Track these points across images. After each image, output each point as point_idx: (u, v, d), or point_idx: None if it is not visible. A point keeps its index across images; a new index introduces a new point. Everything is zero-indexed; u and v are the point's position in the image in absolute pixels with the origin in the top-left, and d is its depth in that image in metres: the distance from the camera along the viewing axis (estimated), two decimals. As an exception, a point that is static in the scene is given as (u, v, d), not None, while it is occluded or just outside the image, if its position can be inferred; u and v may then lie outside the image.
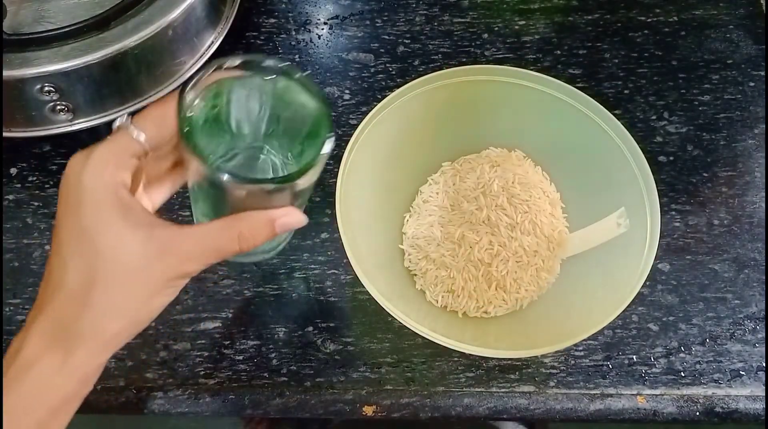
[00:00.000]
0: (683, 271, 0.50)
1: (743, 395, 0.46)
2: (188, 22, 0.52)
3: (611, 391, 0.46)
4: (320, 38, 0.62)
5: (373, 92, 0.58)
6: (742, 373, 0.46)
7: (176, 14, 0.50)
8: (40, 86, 0.48)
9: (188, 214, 0.53)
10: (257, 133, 0.35)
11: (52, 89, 0.48)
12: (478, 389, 0.46)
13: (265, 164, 0.36)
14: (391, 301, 0.40)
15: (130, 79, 0.51)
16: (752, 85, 0.59)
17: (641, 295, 0.48)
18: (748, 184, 0.54)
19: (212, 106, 0.33)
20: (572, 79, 0.59)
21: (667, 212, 0.52)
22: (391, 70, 0.59)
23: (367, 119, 0.44)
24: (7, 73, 0.47)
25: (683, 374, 0.46)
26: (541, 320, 0.46)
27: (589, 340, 0.47)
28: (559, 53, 0.60)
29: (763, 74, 0.59)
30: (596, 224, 0.47)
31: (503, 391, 0.46)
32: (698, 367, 0.47)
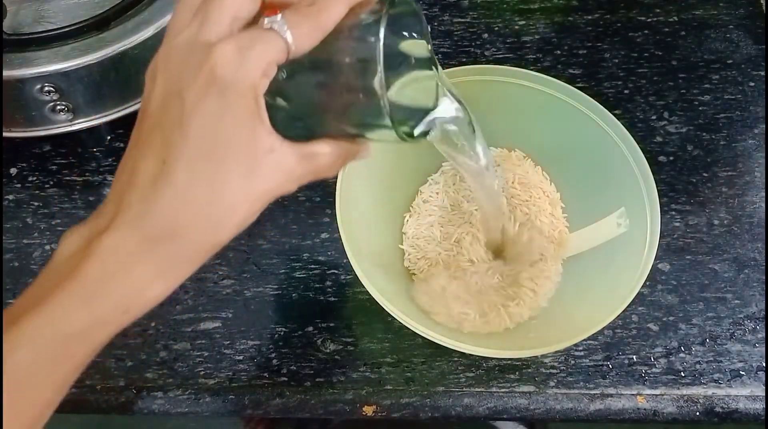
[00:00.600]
0: (683, 271, 0.50)
1: (743, 395, 0.46)
2: (188, 22, 0.52)
3: (611, 391, 0.46)
4: (320, 38, 0.62)
5: (373, 92, 0.58)
6: (742, 373, 0.46)
7: (176, 14, 0.50)
8: (40, 86, 0.48)
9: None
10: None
11: (52, 89, 0.48)
12: (478, 389, 0.46)
13: None
14: (391, 301, 0.40)
15: (130, 79, 0.51)
16: (752, 85, 0.59)
17: (641, 295, 0.48)
18: (748, 184, 0.54)
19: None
20: (572, 79, 0.59)
21: (667, 212, 0.52)
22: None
23: (367, 119, 0.44)
24: (7, 73, 0.47)
25: (683, 374, 0.46)
26: (541, 320, 0.46)
27: (589, 340, 0.47)
28: (559, 53, 0.60)
29: (763, 74, 0.59)
30: (596, 224, 0.47)
31: (503, 391, 0.46)
32: (698, 367, 0.47)
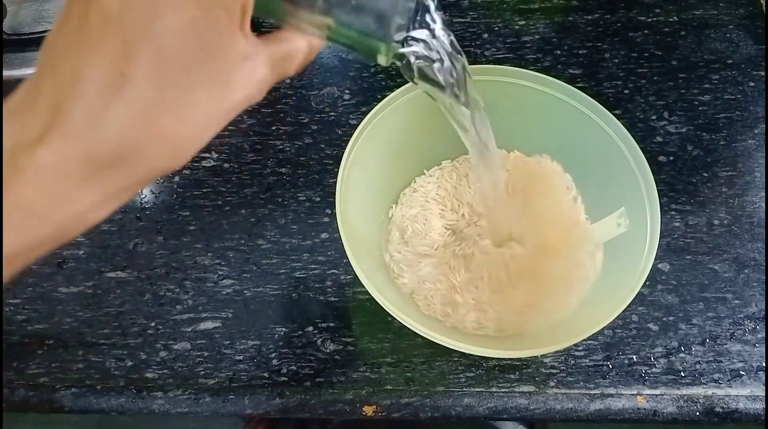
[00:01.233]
0: (683, 271, 0.50)
1: (743, 395, 0.46)
2: (188, 22, 0.52)
3: (611, 391, 0.46)
4: (320, 38, 0.62)
5: (373, 92, 0.58)
6: (742, 373, 0.46)
7: (176, 14, 0.50)
8: (40, 86, 0.48)
9: (188, 213, 0.53)
10: None
11: (52, 89, 0.48)
12: (478, 389, 0.46)
13: None
14: (391, 301, 0.40)
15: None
16: (752, 85, 0.59)
17: (641, 295, 0.48)
18: (748, 184, 0.54)
19: None
20: (572, 79, 0.59)
21: (667, 212, 0.52)
22: (391, 70, 0.59)
23: (367, 119, 0.44)
24: (7, 73, 0.47)
25: (683, 374, 0.46)
26: (541, 320, 0.46)
27: (589, 340, 0.47)
28: (559, 53, 0.60)
29: (763, 74, 0.59)
30: (596, 224, 0.47)
31: (503, 391, 0.46)
32: (698, 367, 0.47)
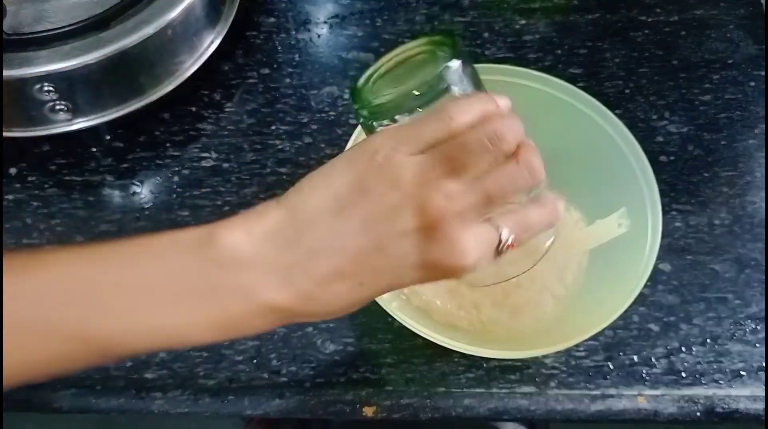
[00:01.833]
0: (684, 271, 0.50)
1: (744, 395, 0.46)
2: (188, 21, 0.52)
3: (612, 391, 0.46)
4: (320, 37, 0.61)
5: (373, 92, 0.58)
6: (742, 373, 0.46)
7: (176, 14, 0.50)
8: (39, 86, 0.48)
9: (187, 213, 0.53)
10: None
11: (51, 89, 0.48)
12: (478, 390, 0.46)
13: None
14: (390, 301, 0.40)
15: (129, 78, 0.51)
16: (753, 84, 0.59)
17: (642, 295, 0.47)
18: (748, 184, 0.54)
19: None
20: (573, 78, 0.58)
21: (668, 212, 0.52)
22: (391, 69, 0.59)
23: (367, 119, 0.44)
24: (7, 73, 0.47)
25: (684, 374, 0.46)
26: (541, 321, 0.46)
27: (590, 340, 0.47)
28: (559, 53, 0.60)
29: (763, 74, 0.59)
30: (597, 224, 0.47)
31: (504, 391, 0.46)
32: (699, 367, 0.47)
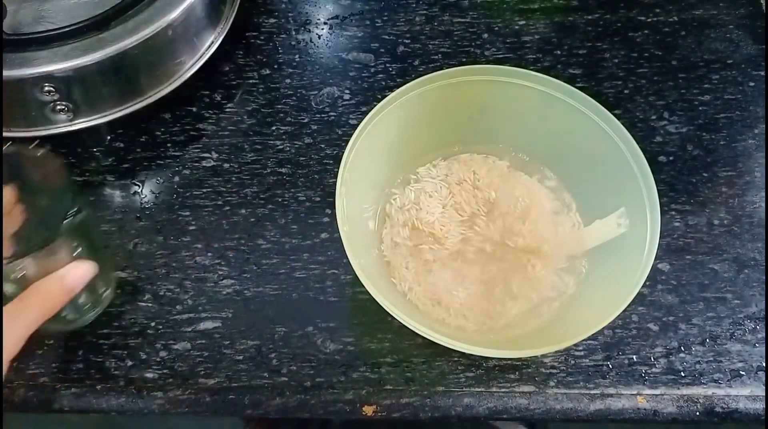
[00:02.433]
0: (683, 271, 0.50)
1: (743, 395, 0.46)
2: (188, 22, 0.52)
3: (611, 391, 0.46)
4: (320, 38, 0.62)
5: (373, 92, 0.58)
6: (742, 373, 0.46)
7: (176, 14, 0.50)
8: (40, 86, 0.48)
9: (188, 213, 0.53)
10: None
11: (52, 89, 0.48)
12: (478, 389, 0.46)
13: None
14: (390, 301, 0.40)
15: (130, 79, 0.51)
16: (752, 85, 0.59)
17: (641, 295, 0.48)
18: (748, 184, 0.54)
19: None
20: (572, 78, 0.59)
21: (667, 212, 0.52)
22: (391, 70, 0.59)
23: (367, 119, 0.44)
24: (7, 73, 0.47)
25: (683, 374, 0.46)
26: (541, 320, 0.46)
27: (589, 340, 0.47)
28: (559, 53, 0.60)
29: (763, 74, 0.59)
30: (596, 224, 0.47)
31: (503, 391, 0.46)
32: (698, 367, 0.47)
